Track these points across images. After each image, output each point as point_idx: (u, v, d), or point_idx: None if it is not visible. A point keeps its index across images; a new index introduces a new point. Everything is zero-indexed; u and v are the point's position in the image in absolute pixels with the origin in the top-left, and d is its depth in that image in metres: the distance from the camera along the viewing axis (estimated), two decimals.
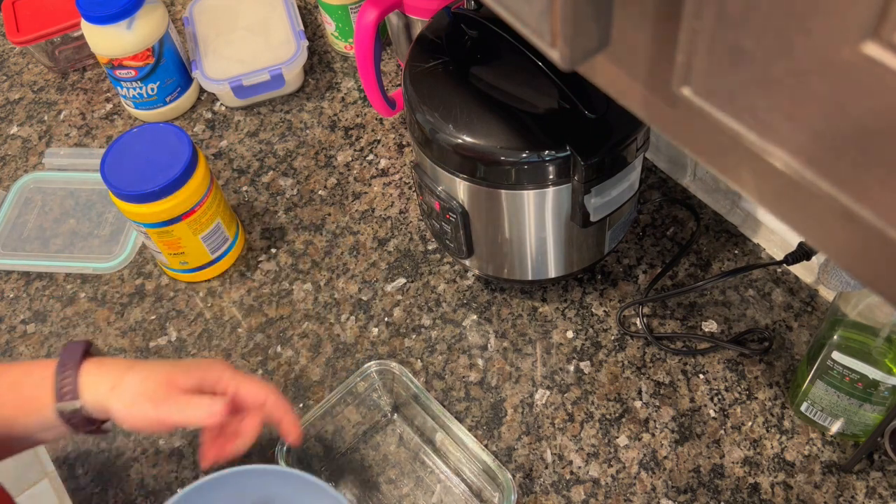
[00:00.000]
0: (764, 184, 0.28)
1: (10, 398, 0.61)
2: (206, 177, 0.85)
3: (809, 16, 0.23)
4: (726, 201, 0.88)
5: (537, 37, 0.30)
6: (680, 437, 0.76)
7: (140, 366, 0.62)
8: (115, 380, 0.61)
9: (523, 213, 0.73)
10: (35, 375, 0.61)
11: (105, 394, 0.60)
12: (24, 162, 1.06)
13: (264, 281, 0.91)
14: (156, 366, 0.62)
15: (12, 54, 1.20)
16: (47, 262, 0.94)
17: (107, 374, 0.61)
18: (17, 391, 0.61)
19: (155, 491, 0.78)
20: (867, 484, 0.72)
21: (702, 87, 0.28)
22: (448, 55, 0.74)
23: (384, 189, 0.97)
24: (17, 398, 0.61)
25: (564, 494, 0.74)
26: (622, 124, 0.68)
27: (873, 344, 0.66)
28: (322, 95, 1.08)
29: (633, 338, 0.83)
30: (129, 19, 0.96)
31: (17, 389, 0.61)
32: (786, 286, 0.84)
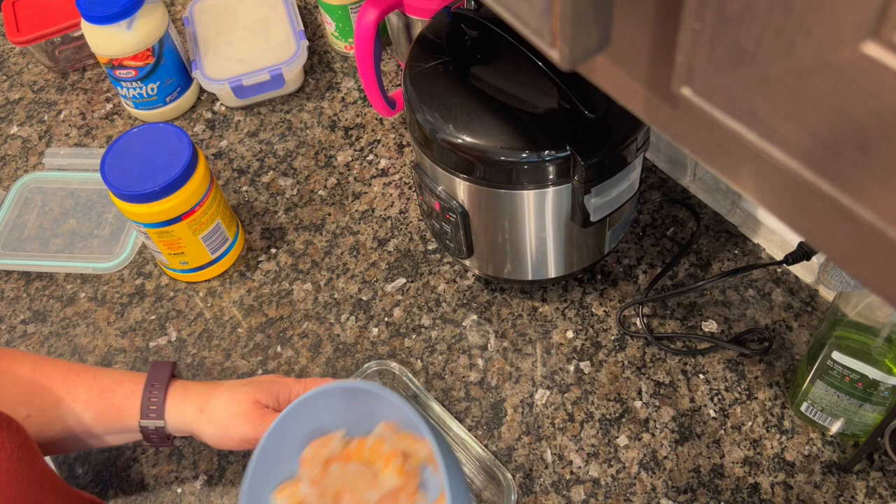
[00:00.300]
0: (764, 184, 0.28)
1: (98, 404, 0.66)
2: (206, 177, 0.85)
3: (809, 16, 0.23)
4: (726, 201, 0.88)
5: (537, 37, 0.30)
6: (680, 437, 0.76)
7: (221, 388, 0.66)
8: (201, 404, 0.65)
9: (523, 213, 0.73)
10: (125, 387, 0.66)
11: (193, 417, 0.65)
12: (24, 162, 1.06)
13: (264, 281, 0.91)
14: (236, 388, 0.66)
15: (12, 54, 1.20)
16: (47, 262, 0.94)
17: (193, 400, 0.66)
18: (107, 399, 0.66)
19: (155, 491, 0.78)
20: (867, 484, 0.72)
21: (702, 87, 0.28)
22: (448, 55, 0.74)
23: (384, 189, 0.97)
24: (105, 405, 0.66)
25: (564, 494, 0.74)
26: (622, 124, 0.68)
27: (873, 344, 0.66)
28: (322, 95, 1.08)
29: (633, 338, 0.83)
30: (129, 19, 0.96)
31: (107, 397, 0.66)
32: (786, 286, 0.84)
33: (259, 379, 0.67)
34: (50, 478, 0.59)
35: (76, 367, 0.68)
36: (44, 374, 0.66)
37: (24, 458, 0.55)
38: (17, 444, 0.55)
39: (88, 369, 0.68)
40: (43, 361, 0.68)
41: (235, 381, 0.67)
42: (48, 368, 0.67)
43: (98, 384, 0.66)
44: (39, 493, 0.57)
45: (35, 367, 0.67)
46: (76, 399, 0.65)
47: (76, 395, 0.66)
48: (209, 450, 0.79)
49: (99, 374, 0.67)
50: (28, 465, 0.56)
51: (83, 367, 0.68)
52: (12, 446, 0.54)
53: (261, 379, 0.67)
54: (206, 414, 0.65)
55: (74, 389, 0.66)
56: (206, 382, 0.68)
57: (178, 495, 0.77)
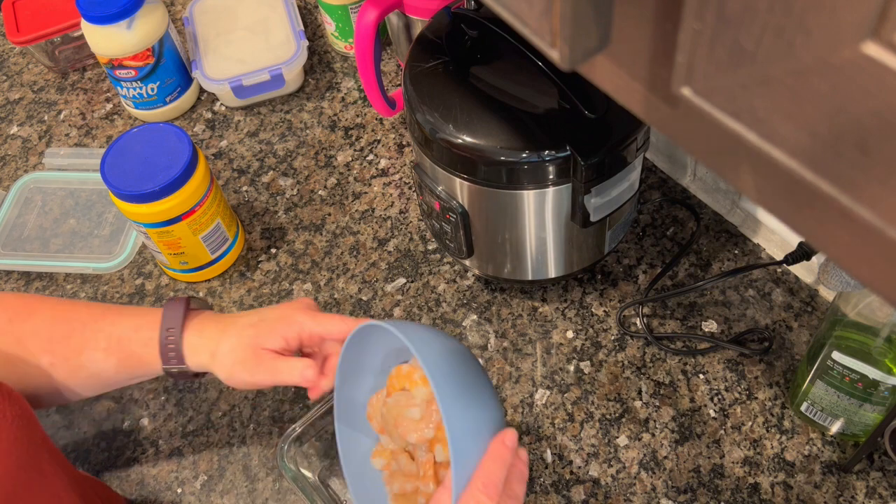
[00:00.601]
0: (764, 184, 0.28)
1: (118, 352, 0.66)
2: (206, 177, 0.85)
3: (809, 16, 0.23)
4: (726, 201, 0.88)
5: (537, 37, 0.30)
6: (680, 437, 0.76)
7: (230, 330, 0.65)
8: (213, 347, 0.65)
9: (523, 213, 0.73)
10: (142, 334, 0.66)
11: (207, 361, 0.66)
12: (24, 162, 1.06)
13: (264, 281, 0.91)
14: (242, 331, 0.65)
15: (12, 54, 1.20)
16: (47, 262, 0.94)
17: (206, 342, 0.65)
18: (125, 347, 0.66)
19: (155, 491, 0.78)
20: (867, 484, 0.72)
21: (702, 87, 0.28)
22: (448, 55, 0.74)
23: (384, 189, 0.97)
24: (125, 354, 0.66)
25: (564, 494, 0.74)
26: (622, 124, 0.68)
27: (873, 344, 0.66)
28: (322, 95, 1.08)
29: (633, 338, 0.83)
30: (129, 19, 0.96)
31: (125, 346, 0.66)
32: (786, 286, 0.84)
33: (266, 317, 0.65)
34: (49, 448, 0.60)
35: (94, 311, 0.68)
36: (63, 322, 0.66)
37: (24, 427, 0.56)
38: (17, 412, 0.56)
39: (106, 314, 0.67)
40: (61, 308, 0.68)
41: (245, 321, 0.65)
42: (67, 314, 0.67)
43: (116, 331, 0.66)
44: (40, 462, 0.58)
45: (54, 315, 0.67)
46: (96, 348, 0.66)
47: (96, 343, 0.66)
48: (209, 449, 0.80)
49: (116, 319, 0.67)
50: (28, 433, 0.57)
51: (100, 312, 0.68)
52: (13, 415, 0.55)
53: (268, 317, 0.65)
54: (217, 358, 0.65)
55: (94, 338, 0.66)
56: (220, 319, 0.67)
57: (178, 495, 0.77)
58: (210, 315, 0.68)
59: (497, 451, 0.54)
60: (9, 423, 0.54)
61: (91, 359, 0.66)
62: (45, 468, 0.58)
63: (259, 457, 0.79)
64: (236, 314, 0.67)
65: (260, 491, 0.77)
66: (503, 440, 0.54)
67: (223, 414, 0.82)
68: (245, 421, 0.81)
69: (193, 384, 0.84)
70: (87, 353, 0.66)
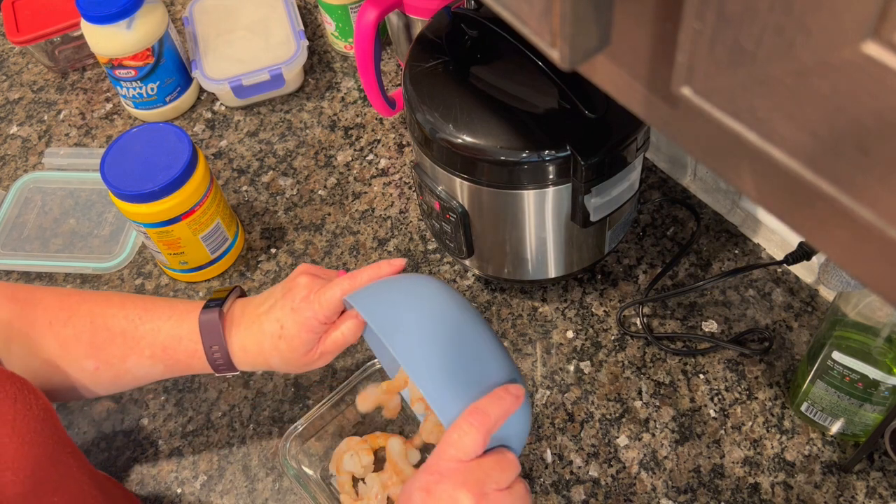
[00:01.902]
0: (764, 184, 0.28)
1: (165, 359, 0.67)
2: (205, 177, 0.84)
3: (809, 15, 0.23)
4: (726, 201, 0.88)
5: (537, 37, 0.30)
6: (680, 437, 0.76)
7: (269, 351, 0.65)
8: (263, 363, 0.66)
9: (523, 213, 0.73)
10: (185, 345, 0.66)
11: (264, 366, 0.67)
12: (24, 162, 1.06)
13: (264, 281, 0.91)
14: (280, 349, 0.64)
15: (12, 54, 1.20)
16: (47, 262, 0.94)
17: (254, 358, 0.66)
18: (171, 355, 0.66)
19: (155, 491, 0.78)
20: (867, 484, 0.72)
21: (702, 86, 0.28)
22: (448, 55, 0.74)
23: (384, 189, 0.97)
24: (173, 361, 0.67)
25: (564, 494, 0.74)
26: (622, 124, 0.68)
27: (873, 344, 0.66)
28: (322, 95, 1.08)
29: (633, 338, 0.83)
30: (129, 19, 0.96)
31: (171, 354, 0.66)
32: (786, 286, 0.84)
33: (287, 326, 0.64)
34: (69, 445, 0.61)
35: (131, 314, 0.67)
36: (103, 329, 0.67)
37: (47, 421, 0.57)
38: (42, 405, 0.57)
39: (146, 317, 0.67)
40: (99, 309, 0.68)
41: (270, 334, 0.64)
42: (106, 318, 0.67)
43: (159, 340, 0.66)
44: (62, 455, 0.59)
45: (94, 320, 0.67)
46: (141, 354, 0.66)
47: (140, 350, 0.66)
48: (209, 449, 0.80)
49: (156, 324, 0.67)
50: (51, 428, 0.57)
51: (138, 314, 0.67)
52: (38, 407, 0.56)
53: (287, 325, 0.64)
54: (278, 368, 0.66)
55: (137, 346, 0.66)
56: (252, 329, 0.65)
57: (178, 495, 0.77)
58: (243, 320, 0.66)
59: (497, 392, 0.54)
60: (35, 415, 0.55)
61: (136, 364, 0.67)
62: (68, 462, 0.59)
63: (259, 457, 0.79)
64: (257, 316, 0.65)
65: (260, 491, 0.77)
66: (507, 387, 0.54)
67: (223, 414, 0.82)
68: (245, 421, 0.81)
69: (193, 384, 0.84)
70: (132, 359, 0.66)
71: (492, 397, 0.53)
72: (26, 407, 0.55)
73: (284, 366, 0.66)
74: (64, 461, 0.59)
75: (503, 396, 0.53)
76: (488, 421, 0.52)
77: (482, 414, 0.52)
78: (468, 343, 0.56)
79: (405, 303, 0.58)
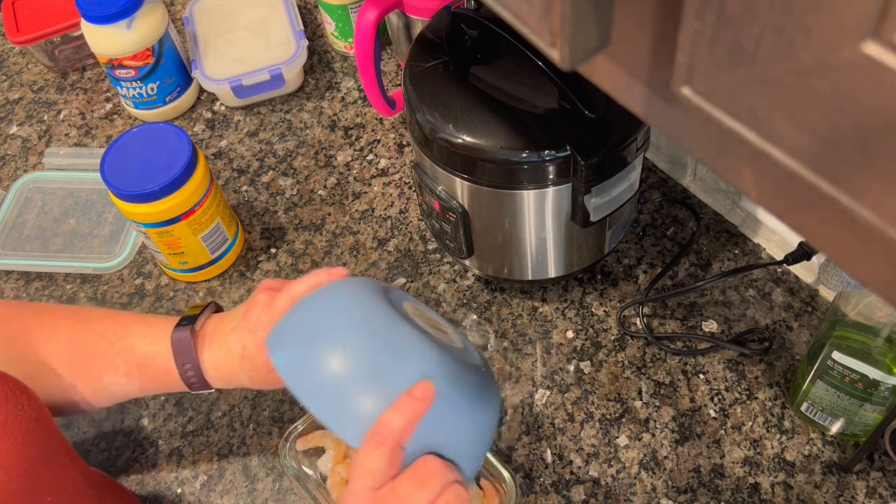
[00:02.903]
0: (764, 184, 0.28)
1: (140, 377, 0.66)
2: (205, 177, 0.84)
3: (809, 15, 0.23)
4: (726, 201, 0.88)
5: (537, 37, 0.30)
6: (680, 437, 0.76)
7: (238, 369, 0.64)
8: (235, 381, 0.65)
9: (523, 213, 0.73)
10: (160, 362, 0.65)
11: (238, 384, 0.65)
12: (24, 162, 1.06)
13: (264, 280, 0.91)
14: (244, 367, 0.63)
15: (12, 54, 1.20)
16: (47, 262, 0.94)
17: (226, 376, 0.65)
18: (146, 373, 0.66)
19: (155, 491, 0.78)
20: (867, 484, 0.72)
21: (702, 86, 0.28)
22: (448, 55, 0.74)
23: (384, 189, 0.97)
24: (147, 378, 0.66)
25: (564, 494, 0.74)
26: (622, 124, 0.68)
27: (873, 344, 0.66)
28: (322, 95, 1.08)
29: (633, 338, 0.83)
30: (129, 19, 0.96)
31: (145, 371, 0.66)
32: (786, 286, 0.84)
33: (248, 346, 0.63)
34: (64, 444, 0.60)
35: (107, 332, 0.67)
36: (81, 348, 0.67)
37: (40, 421, 0.57)
38: (35, 405, 0.57)
39: (120, 334, 0.67)
40: (79, 327, 0.68)
41: (236, 354, 0.64)
42: (84, 336, 0.67)
43: (135, 357, 0.66)
44: (56, 455, 0.58)
45: (72, 338, 0.67)
46: (117, 372, 0.66)
47: (115, 368, 0.66)
48: (209, 449, 0.80)
49: (133, 341, 0.66)
50: (44, 428, 0.57)
51: (114, 332, 0.67)
52: (31, 407, 0.56)
53: (249, 346, 0.63)
54: (250, 385, 0.65)
55: (113, 363, 0.66)
56: (222, 348, 0.65)
57: (178, 495, 0.77)
58: (213, 339, 0.66)
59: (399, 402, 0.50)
60: (26, 416, 0.55)
61: (112, 381, 0.66)
62: (62, 462, 0.59)
63: (259, 457, 0.79)
64: (225, 333, 0.65)
65: (260, 491, 0.77)
66: (410, 390, 0.51)
67: (223, 414, 0.82)
68: (245, 421, 0.81)
69: None
70: (108, 376, 0.66)
71: (392, 407, 0.50)
72: (18, 407, 0.55)
73: (253, 383, 0.65)
74: (58, 461, 0.58)
75: (404, 403, 0.50)
76: (391, 436, 0.49)
77: (383, 429, 0.49)
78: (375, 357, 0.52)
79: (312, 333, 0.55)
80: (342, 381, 0.51)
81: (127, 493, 0.75)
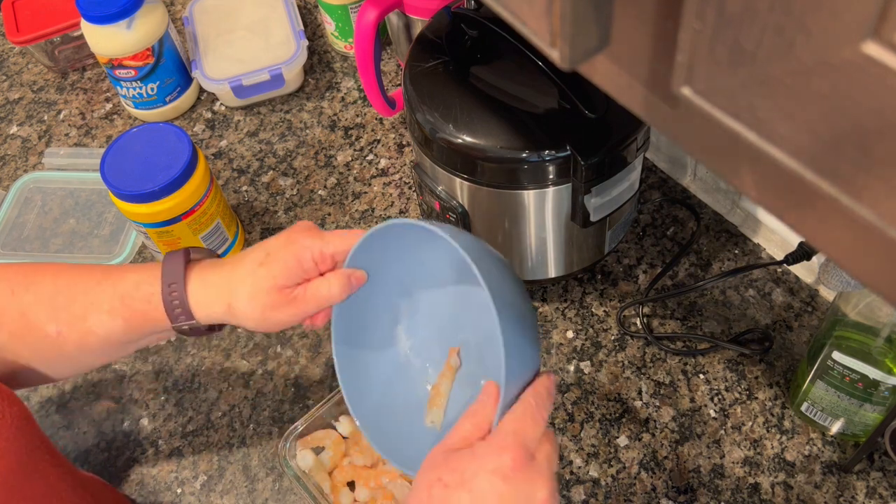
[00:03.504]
0: (764, 184, 0.28)
1: (123, 311, 0.63)
2: (205, 177, 0.84)
3: (809, 15, 0.23)
4: (726, 201, 0.88)
5: (537, 37, 0.30)
6: (680, 437, 0.76)
7: (240, 276, 0.61)
8: (226, 299, 0.61)
9: (523, 213, 0.73)
10: (143, 290, 0.62)
11: (223, 313, 0.61)
12: (24, 162, 1.06)
13: None
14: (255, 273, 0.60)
15: (12, 54, 1.20)
16: (47, 261, 0.94)
17: (216, 295, 0.61)
18: (129, 305, 0.63)
19: (155, 491, 0.78)
20: (867, 484, 0.72)
21: (702, 87, 0.28)
22: (448, 55, 0.74)
23: (384, 189, 0.97)
24: (130, 312, 0.63)
25: (564, 494, 0.74)
26: (622, 124, 0.68)
27: (873, 344, 0.66)
28: (322, 95, 1.08)
29: (633, 338, 0.83)
30: (129, 19, 0.96)
31: (129, 304, 0.63)
32: (786, 286, 0.84)
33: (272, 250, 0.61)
34: (49, 450, 0.59)
35: (96, 273, 0.65)
36: (65, 288, 0.64)
37: (22, 429, 0.55)
38: (16, 413, 0.55)
39: (108, 274, 0.64)
40: (63, 274, 0.65)
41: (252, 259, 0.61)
42: (69, 280, 0.64)
43: (118, 290, 0.63)
44: (40, 463, 0.57)
45: (56, 282, 0.64)
46: (100, 310, 0.63)
47: (100, 305, 0.63)
48: (209, 449, 0.80)
49: (118, 278, 0.64)
50: (27, 435, 0.56)
51: (102, 273, 0.65)
52: (12, 415, 0.54)
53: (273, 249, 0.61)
54: (236, 310, 0.61)
55: (97, 300, 0.63)
56: (222, 265, 0.63)
57: (178, 495, 0.77)
58: (212, 263, 0.63)
59: (543, 382, 0.53)
60: (7, 423, 0.54)
61: (97, 322, 0.63)
62: (46, 469, 0.58)
63: (259, 457, 0.79)
64: (238, 256, 0.63)
65: (260, 491, 0.77)
66: (549, 376, 0.54)
67: (223, 414, 0.82)
68: (245, 421, 0.81)
69: (193, 384, 0.84)
70: (92, 316, 0.63)
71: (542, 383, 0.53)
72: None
73: (249, 305, 0.60)
74: (41, 469, 0.57)
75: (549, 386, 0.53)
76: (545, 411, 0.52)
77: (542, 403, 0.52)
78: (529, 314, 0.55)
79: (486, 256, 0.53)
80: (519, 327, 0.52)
81: (120, 496, 0.74)
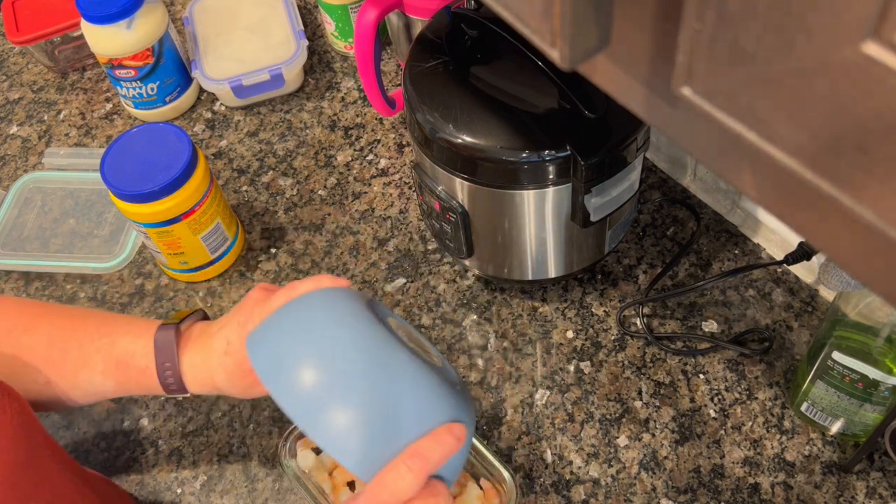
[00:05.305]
0: (764, 184, 0.28)
1: (117, 375, 0.65)
2: (205, 177, 0.84)
3: (809, 15, 0.23)
4: (726, 201, 0.88)
5: (537, 36, 0.30)
6: (680, 437, 0.76)
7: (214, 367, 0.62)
8: (211, 379, 0.63)
9: (523, 213, 0.73)
10: (138, 360, 0.64)
11: (212, 389, 0.64)
12: (24, 162, 1.06)
13: (264, 281, 0.91)
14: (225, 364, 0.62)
15: (12, 54, 1.20)
16: (47, 262, 0.94)
17: (204, 377, 0.63)
18: (123, 371, 0.65)
19: (155, 491, 0.78)
20: (867, 484, 0.72)
21: (702, 87, 0.28)
22: (448, 55, 0.74)
23: (384, 189, 0.97)
24: (124, 377, 0.65)
25: (564, 494, 0.74)
26: (622, 124, 0.68)
27: (873, 344, 0.66)
28: (322, 95, 1.08)
29: (633, 338, 0.83)
30: (129, 19, 0.96)
31: (123, 370, 0.65)
32: (786, 286, 0.84)
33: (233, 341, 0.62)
34: (51, 447, 0.60)
35: (90, 327, 0.66)
36: (60, 341, 0.65)
37: (23, 424, 0.56)
38: (17, 409, 0.56)
39: (102, 330, 0.66)
40: (59, 323, 0.67)
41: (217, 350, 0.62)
42: (65, 332, 0.66)
43: (113, 353, 0.65)
44: (41, 459, 0.57)
45: (52, 333, 0.66)
46: (93, 370, 0.65)
47: (93, 365, 0.65)
48: (209, 449, 0.80)
49: (114, 338, 0.65)
50: (28, 431, 0.56)
51: (96, 328, 0.66)
52: (13, 411, 0.55)
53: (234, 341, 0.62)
54: (222, 390, 0.64)
55: (91, 359, 0.65)
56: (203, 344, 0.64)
57: (178, 495, 0.77)
58: (199, 335, 0.65)
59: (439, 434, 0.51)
60: (9, 419, 0.54)
61: (89, 380, 0.65)
62: (48, 466, 0.58)
63: (259, 457, 0.79)
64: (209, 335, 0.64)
65: (260, 491, 0.77)
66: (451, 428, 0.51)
67: (223, 414, 0.82)
68: (245, 421, 0.81)
69: None
70: (84, 374, 0.65)
71: (434, 439, 0.50)
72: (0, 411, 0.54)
73: (230, 385, 0.63)
74: (44, 465, 0.57)
75: (446, 440, 0.50)
76: (427, 466, 0.49)
77: (422, 459, 0.49)
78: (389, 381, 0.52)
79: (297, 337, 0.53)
80: (322, 393, 0.50)
81: (124, 494, 0.74)
